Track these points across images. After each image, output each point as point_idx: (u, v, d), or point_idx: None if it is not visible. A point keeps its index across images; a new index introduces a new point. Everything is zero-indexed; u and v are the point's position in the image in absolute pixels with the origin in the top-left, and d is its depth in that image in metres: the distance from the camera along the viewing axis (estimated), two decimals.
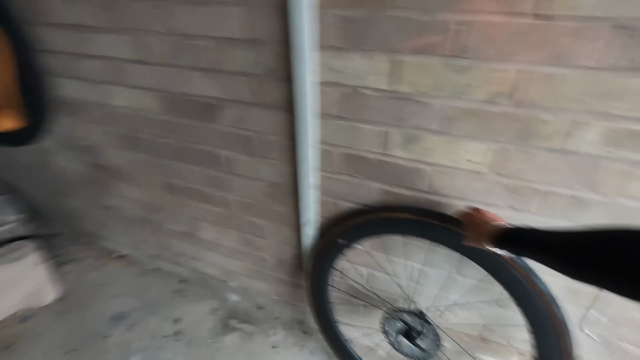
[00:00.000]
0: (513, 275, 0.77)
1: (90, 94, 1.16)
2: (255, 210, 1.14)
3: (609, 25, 0.56)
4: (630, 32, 0.55)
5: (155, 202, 1.36)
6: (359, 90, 0.78)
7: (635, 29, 0.55)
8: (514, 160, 0.73)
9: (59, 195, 1.62)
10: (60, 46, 1.08)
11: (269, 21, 0.77)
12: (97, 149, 1.31)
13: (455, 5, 0.62)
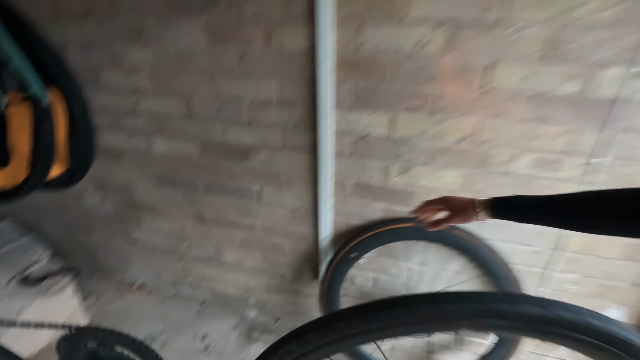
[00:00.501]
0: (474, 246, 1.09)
1: (132, 143, 1.38)
2: (278, 232, 1.39)
3: (526, 95, 0.91)
4: (539, 99, 0.90)
5: (182, 233, 1.56)
6: (365, 136, 1.09)
7: (542, 97, 0.90)
8: (476, 181, 1.05)
9: (81, 232, 1.76)
10: (113, 105, 1.31)
11: (299, 89, 1.07)
12: (130, 189, 1.52)
13: (432, 82, 0.95)
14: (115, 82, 1.26)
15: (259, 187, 1.31)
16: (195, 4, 1.04)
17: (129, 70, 1.22)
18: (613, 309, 1.13)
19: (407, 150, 1.07)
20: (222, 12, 1.03)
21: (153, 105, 1.27)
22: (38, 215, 1.81)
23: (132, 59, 1.20)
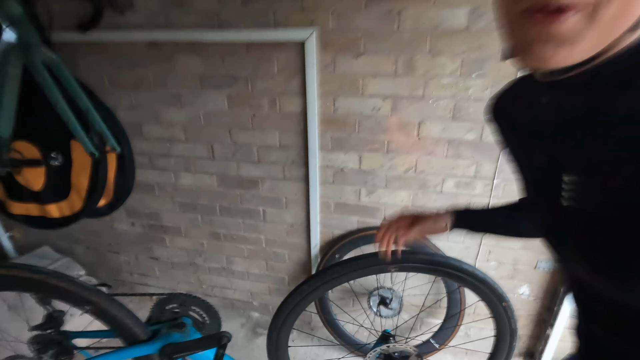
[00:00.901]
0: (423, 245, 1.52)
1: (163, 178, 1.78)
2: (279, 244, 1.80)
3: (445, 140, 1.38)
4: (454, 143, 1.38)
5: (200, 249, 1.94)
6: (342, 169, 1.54)
7: (455, 141, 1.38)
8: (420, 199, 1.51)
9: (110, 253, 2.11)
10: (151, 150, 1.72)
11: (295, 137, 1.52)
12: (158, 214, 1.90)
13: (385, 132, 1.42)
14: (155, 134, 1.68)
15: (264, 208, 1.72)
16: (221, 81, 1.49)
17: (166, 125, 1.65)
18: (523, 287, 1.59)
19: (371, 178, 1.52)
20: (240, 87, 1.48)
21: (183, 150, 1.69)
22: (70, 242, 2.15)
23: (170, 117, 1.63)
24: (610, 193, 0.38)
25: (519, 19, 0.35)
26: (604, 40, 0.33)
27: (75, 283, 0.93)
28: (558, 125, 0.44)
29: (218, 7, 1.36)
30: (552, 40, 0.33)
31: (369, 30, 1.28)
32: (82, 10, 1.44)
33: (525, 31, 0.35)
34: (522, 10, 0.34)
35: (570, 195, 0.44)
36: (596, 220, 0.41)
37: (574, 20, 0.31)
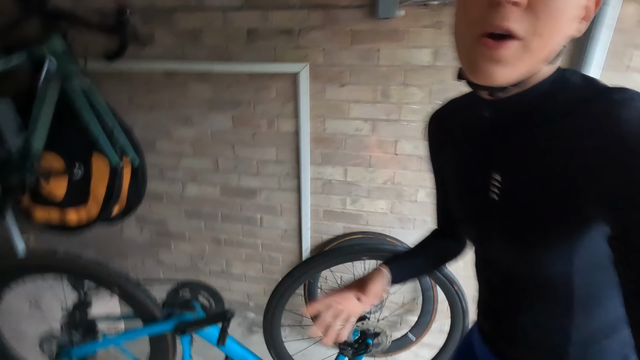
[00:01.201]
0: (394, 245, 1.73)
1: (171, 188, 2.00)
2: (274, 248, 2.00)
3: (417, 156, 1.63)
4: (424, 159, 1.62)
5: (202, 253, 2.14)
6: (330, 181, 1.77)
7: (425, 158, 1.62)
8: (397, 207, 1.74)
9: (118, 258, 2.29)
10: (162, 163, 1.95)
11: (289, 153, 1.76)
12: (165, 221, 2.10)
13: (366, 149, 1.66)
14: (166, 149, 1.91)
15: (261, 216, 1.94)
16: (227, 104, 1.74)
17: (176, 141, 1.88)
18: None
19: (355, 189, 1.75)
20: (243, 109, 1.73)
21: (191, 163, 1.91)
22: (81, 246, 2.33)
23: (180, 134, 1.86)
24: (526, 190, 0.49)
25: (473, 43, 0.42)
26: (533, 67, 0.43)
27: (108, 269, 1.13)
28: (495, 134, 0.53)
29: (226, 44, 1.62)
30: (498, 61, 0.41)
31: (353, 65, 1.54)
32: (110, 43, 1.69)
33: (476, 53, 0.42)
34: (475, 35, 0.41)
35: (497, 191, 0.53)
36: (514, 210, 0.52)
37: (514, 47, 0.40)
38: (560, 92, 0.46)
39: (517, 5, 0.38)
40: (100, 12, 1.66)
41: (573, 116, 0.43)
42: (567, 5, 0.39)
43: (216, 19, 1.59)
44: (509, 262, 0.58)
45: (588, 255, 0.49)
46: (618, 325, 0.55)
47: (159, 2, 1.62)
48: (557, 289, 0.54)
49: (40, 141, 1.64)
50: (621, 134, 0.37)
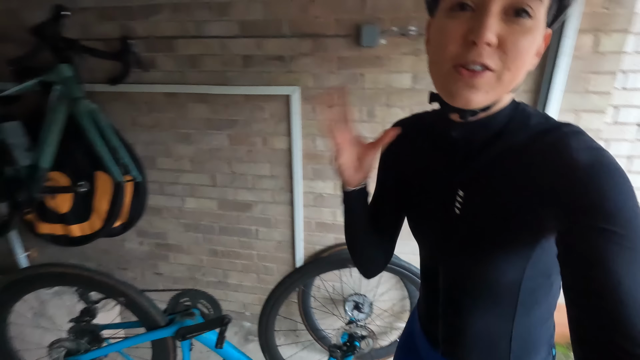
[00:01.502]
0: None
1: (170, 203, 2.10)
2: (269, 258, 2.10)
3: None
4: None
5: (199, 264, 2.23)
6: (321, 194, 1.88)
7: None
8: None
9: (118, 270, 2.37)
10: (162, 178, 2.05)
11: (282, 169, 1.87)
12: (164, 234, 2.20)
13: None
14: (166, 165, 2.02)
15: (256, 228, 2.05)
16: (224, 124, 1.86)
17: (176, 158, 1.99)
18: None
19: None
20: (239, 128, 1.85)
21: (189, 179, 2.02)
22: (82, 259, 2.41)
23: (179, 151, 1.97)
24: (487, 206, 0.54)
25: (451, 73, 0.47)
26: (501, 94, 0.49)
27: (114, 278, 1.23)
28: (462, 154, 0.57)
29: (223, 68, 1.75)
30: (473, 87, 0.46)
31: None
32: (114, 68, 1.82)
33: (455, 81, 0.47)
34: (452, 66, 0.46)
35: (460, 206, 0.58)
36: (476, 224, 0.56)
37: (488, 77, 0.45)
38: (519, 120, 0.53)
39: (490, 45, 0.44)
40: (106, 39, 1.79)
41: (532, 144, 0.50)
42: (531, 45, 0.45)
43: (214, 46, 1.72)
44: (463, 271, 0.62)
45: (537, 264, 0.55)
46: (547, 317, 0.64)
47: (160, 30, 1.75)
48: (505, 294, 0.59)
49: (48, 160, 1.74)
50: (571, 159, 0.45)
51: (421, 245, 0.72)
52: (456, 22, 0.46)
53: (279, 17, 1.61)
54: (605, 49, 1.41)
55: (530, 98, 1.52)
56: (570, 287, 0.42)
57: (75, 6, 1.74)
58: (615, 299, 0.36)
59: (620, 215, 0.39)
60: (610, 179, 0.42)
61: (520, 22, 0.44)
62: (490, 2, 0.43)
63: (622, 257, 0.38)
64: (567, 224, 0.43)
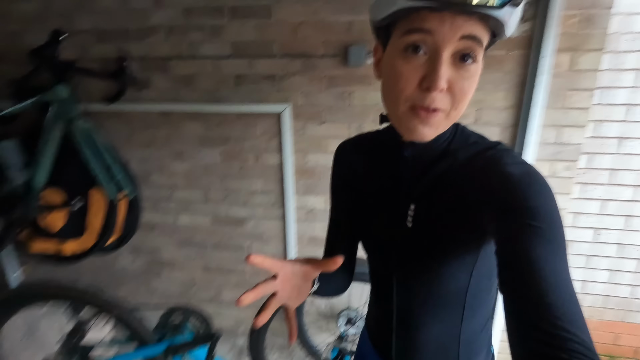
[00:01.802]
0: None
1: (164, 219, 2.12)
2: (262, 274, 2.11)
3: None
4: None
5: (192, 281, 2.23)
6: (312, 209, 1.91)
7: None
8: None
9: (110, 287, 2.36)
10: (156, 195, 2.08)
11: (274, 184, 1.90)
12: (158, 250, 2.20)
13: None
14: (159, 182, 2.05)
15: (249, 243, 2.06)
16: (216, 141, 1.90)
17: (169, 175, 2.02)
18: None
19: None
20: (231, 145, 1.89)
21: (182, 195, 2.05)
22: (74, 277, 2.40)
23: (173, 168, 2.00)
24: (436, 217, 0.60)
25: (408, 112, 0.52)
26: (448, 125, 0.55)
27: (104, 296, 1.24)
28: (413, 171, 0.62)
29: (216, 87, 1.81)
30: (427, 124, 0.52)
31: (329, 105, 1.72)
32: (110, 87, 1.86)
33: (411, 119, 0.52)
34: (410, 106, 0.51)
35: (411, 220, 0.63)
36: (427, 234, 0.61)
37: (440, 116, 0.51)
38: (460, 139, 0.61)
39: (442, 91, 0.49)
40: (103, 60, 1.84)
41: (473, 160, 0.57)
42: (473, 86, 0.51)
43: (207, 66, 1.78)
44: (416, 282, 0.65)
45: (481, 267, 0.61)
46: (487, 318, 0.70)
47: (155, 51, 1.81)
48: (455, 299, 0.64)
49: (43, 178, 1.77)
50: (504, 172, 0.52)
51: (375, 261, 0.74)
52: (411, 66, 0.49)
53: (269, 38, 1.68)
54: (581, 67, 1.47)
55: (512, 114, 1.58)
56: (504, 277, 0.46)
57: (74, 28, 1.80)
58: (540, 283, 0.41)
59: (543, 214, 0.46)
60: (535, 186, 0.49)
61: (466, 66, 0.49)
62: (442, 50, 0.47)
63: (545, 248, 0.43)
64: (501, 223, 0.49)
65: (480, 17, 0.46)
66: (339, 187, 0.78)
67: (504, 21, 0.46)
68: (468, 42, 0.47)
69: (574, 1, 1.41)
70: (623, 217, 1.78)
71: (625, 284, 1.90)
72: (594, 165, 1.71)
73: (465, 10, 0.44)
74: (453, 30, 0.46)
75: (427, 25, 0.46)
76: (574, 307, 0.40)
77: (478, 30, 0.47)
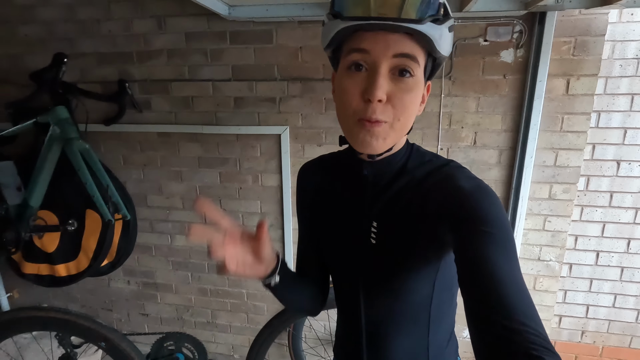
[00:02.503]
0: None
1: (160, 240, 2.09)
2: (259, 297, 2.06)
3: None
4: None
5: (188, 304, 2.17)
6: None
7: None
8: None
9: (103, 311, 2.30)
10: (153, 216, 2.05)
11: (273, 205, 1.89)
12: (153, 273, 2.16)
13: None
14: (157, 203, 2.03)
15: None
16: (215, 162, 1.89)
17: (167, 195, 2.00)
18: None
19: None
20: (230, 166, 1.88)
21: (180, 216, 2.02)
22: (66, 301, 2.34)
23: (171, 189, 1.99)
24: (397, 231, 0.62)
25: (356, 124, 0.55)
26: (397, 138, 0.58)
27: (95, 322, 1.20)
28: (373, 189, 0.65)
29: (216, 109, 1.82)
30: (374, 136, 0.55)
31: (328, 127, 1.73)
32: (110, 108, 1.87)
33: (358, 131, 0.55)
34: (357, 119, 0.54)
35: (374, 236, 0.65)
36: (389, 249, 0.64)
37: (384, 127, 0.54)
38: (415, 158, 0.64)
39: (381, 102, 0.52)
40: (103, 82, 1.86)
41: (429, 177, 0.61)
42: (413, 99, 0.55)
43: (207, 89, 1.80)
44: (383, 297, 0.67)
45: (442, 278, 0.64)
46: (451, 330, 0.73)
47: (156, 74, 1.83)
48: (420, 312, 0.67)
49: (38, 200, 1.75)
50: (458, 186, 0.56)
51: (341, 280, 0.74)
52: (354, 81, 0.54)
53: (270, 62, 1.70)
54: (577, 92, 1.50)
55: (510, 137, 1.59)
56: (464, 281, 0.49)
57: (76, 51, 1.83)
58: (495, 282, 0.45)
59: (494, 221, 0.50)
60: (486, 198, 0.54)
61: (404, 80, 0.53)
62: (379, 65, 0.52)
63: (497, 251, 0.48)
64: (458, 232, 0.53)
65: (409, 36, 0.51)
66: (304, 208, 0.78)
67: (431, 36, 0.50)
68: (402, 59, 0.52)
69: (567, 28, 1.44)
70: (624, 240, 1.76)
71: (629, 308, 1.86)
72: (593, 188, 1.71)
73: (391, 26, 0.49)
74: (386, 48, 0.51)
75: (363, 45, 0.52)
76: (527, 302, 0.44)
77: (409, 48, 0.52)
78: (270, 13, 1.53)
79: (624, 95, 1.59)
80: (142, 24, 1.76)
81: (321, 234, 0.74)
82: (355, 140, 0.57)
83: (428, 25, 0.49)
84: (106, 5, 1.76)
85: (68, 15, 1.81)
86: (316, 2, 1.48)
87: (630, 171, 1.67)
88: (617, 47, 1.55)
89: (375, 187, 0.64)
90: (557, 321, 1.93)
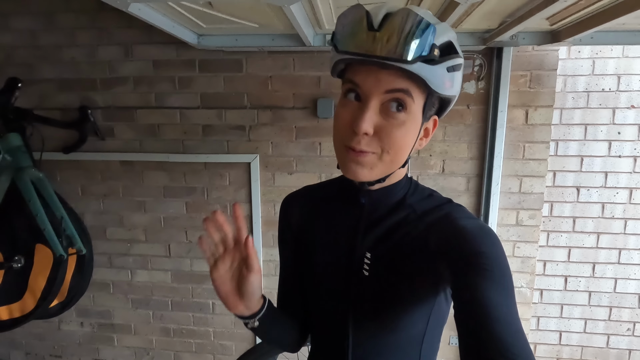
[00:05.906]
0: None
1: (119, 276, 1.94)
2: (226, 336, 1.92)
3: None
4: None
5: (149, 346, 1.99)
6: None
7: None
8: None
9: (52, 357, 2.06)
10: (112, 250, 1.91)
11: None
12: (110, 313, 1.98)
13: None
14: (117, 235, 1.90)
15: (213, 301, 1.90)
16: (182, 191, 1.81)
17: (129, 227, 1.88)
18: None
19: None
20: (197, 196, 1.81)
21: (142, 250, 1.90)
22: (8, 347, 2.10)
23: (133, 221, 1.88)
24: (393, 265, 0.61)
25: (344, 151, 0.55)
26: (387, 170, 0.57)
27: None
28: (369, 219, 0.64)
29: (183, 137, 1.77)
30: (360, 165, 0.54)
31: (299, 155, 1.72)
32: (70, 136, 1.78)
33: (346, 157, 0.55)
34: (345, 146, 0.54)
35: (368, 268, 0.63)
36: (384, 283, 0.62)
37: (371, 157, 0.54)
38: (414, 192, 0.64)
39: (367, 135, 0.52)
40: (64, 108, 1.77)
41: (428, 213, 0.61)
42: (405, 134, 0.54)
43: (174, 116, 1.75)
44: (374, 330, 0.64)
45: (437, 314, 0.63)
46: None
47: (121, 101, 1.77)
48: (411, 348, 0.65)
49: None
50: (458, 225, 0.57)
51: (327, 313, 0.69)
52: (346, 110, 0.55)
53: (239, 90, 1.69)
54: (535, 122, 1.57)
55: (476, 165, 1.63)
56: (461, 317, 0.49)
57: (34, 77, 1.75)
58: (491, 319, 0.45)
59: (492, 259, 0.51)
60: (485, 237, 0.55)
61: (395, 115, 0.53)
62: (369, 99, 0.52)
63: (495, 289, 0.48)
64: (456, 268, 0.53)
65: (403, 71, 0.49)
66: (287, 241, 0.75)
67: (423, 76, 0.49)
68: (395, 94, 0.51)
69: (523, 63, 1.54)
70: (589, 264, 1.81)
71: (599, 333, 1.88)
72: (557, 214, 1.76)
73: (381, 64, 0.49)
74: (377, 83, 0.51)
75: (355, 78, 0.53)
76: (522, 339, 0.45)
77: (402, 83, 0.51)
78: (239, 43, 1.54)
79: (578, 125, 1.69)
80: (107, 51, 1.72)
81: (307, 265, 0.71)
82: (342, 166, 0.57)
83: (418, 65, 0.49)
84: (70, 32, 1.72)
85: (29, 41, 1.75)
86: (286, 34, 1.51)
87: (589, 197, 1.74)
88: (568, 80, 1.66)
89: (371, 216, 0.63)
90: (533, 349, 1.91)
